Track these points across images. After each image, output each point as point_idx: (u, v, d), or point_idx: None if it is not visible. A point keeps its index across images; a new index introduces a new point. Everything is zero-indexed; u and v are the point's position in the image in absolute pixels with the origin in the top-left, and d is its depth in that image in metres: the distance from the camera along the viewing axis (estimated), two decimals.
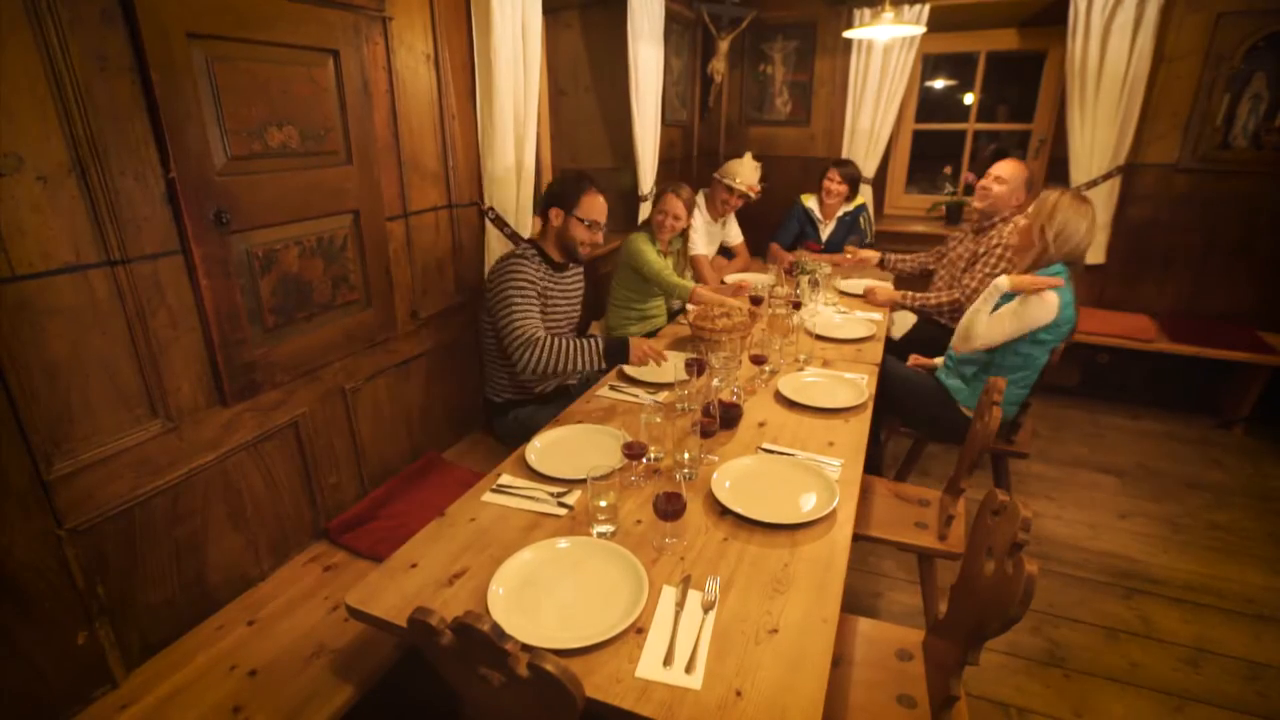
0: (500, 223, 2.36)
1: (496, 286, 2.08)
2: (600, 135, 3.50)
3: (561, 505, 1.49)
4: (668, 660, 1.06)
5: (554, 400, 2.28)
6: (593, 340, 2.09)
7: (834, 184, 3.57)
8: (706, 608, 1.16)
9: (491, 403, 2.33)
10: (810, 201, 3.75)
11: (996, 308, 2.18)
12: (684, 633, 1.12)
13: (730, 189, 3.26)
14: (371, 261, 1.87)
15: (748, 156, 3.31)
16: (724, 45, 4.02)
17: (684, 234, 3.12)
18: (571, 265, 2.30)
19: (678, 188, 2.84)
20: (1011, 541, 1.13)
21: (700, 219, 3.36)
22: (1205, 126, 3.39)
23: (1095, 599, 2.29)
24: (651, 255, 2.79)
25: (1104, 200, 3.57)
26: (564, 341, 2.04)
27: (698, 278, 3.31)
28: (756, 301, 2.74)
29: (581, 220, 2.15)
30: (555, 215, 2.17)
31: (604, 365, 2.10)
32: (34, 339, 1.15)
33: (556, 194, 2.18)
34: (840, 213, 3.69)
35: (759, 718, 0.97)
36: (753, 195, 3.28)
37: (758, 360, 2.16)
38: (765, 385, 2.12)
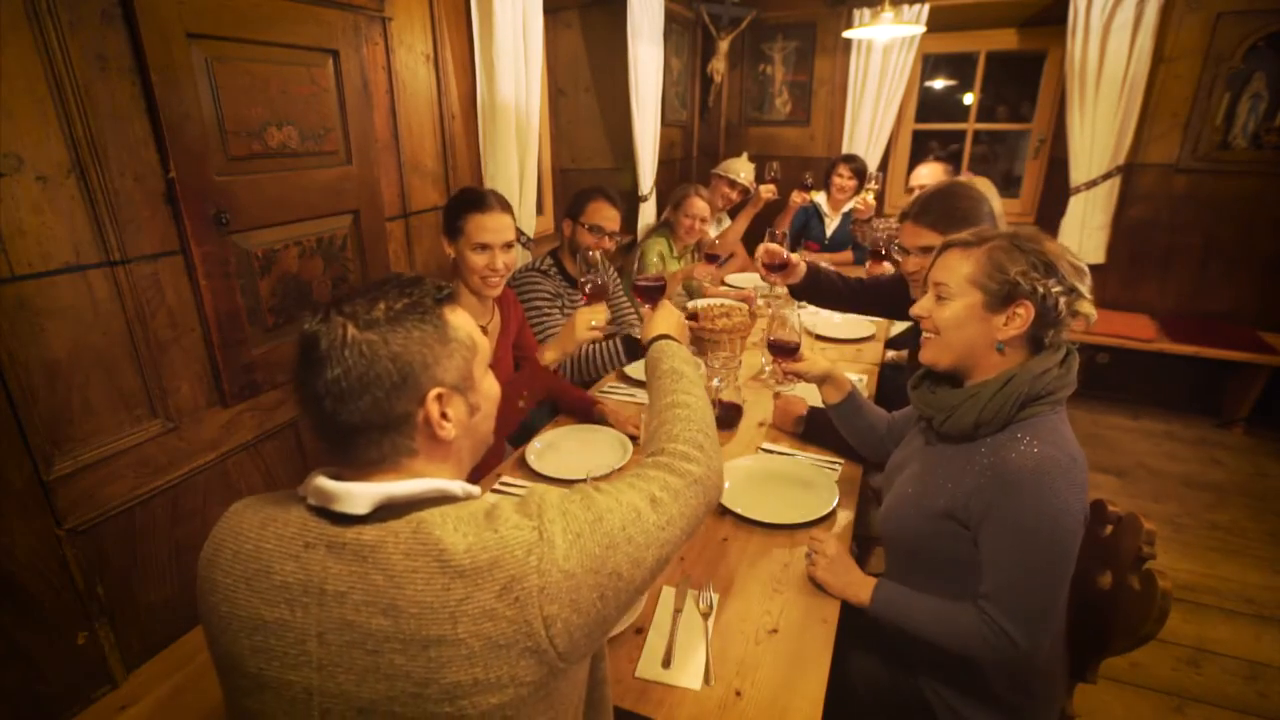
0: None
1: (522, 297, 2.14)
2: (600, 135, 3.50)
3: None
4: (667, 661, 1.06)
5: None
6: (612, 341, 2.17)
7: (843, 179, 3.62)
8: (705, 614, 1.16)
9: None
10: (818, 197, 3.77)
11: None
12: (683, 633, 1.12)
13: (733, 183, 3.38)
14: (371, 262, 1.87)
15: (744, 156, 3.47)
16: (724, 45, 4.02)
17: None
18: None
19: (697, 187, 2.92)
20: (1135, 555, 1.13)
21: None
22: (1205, 126, 3.39)
23: None
24: (651, 264, 2.81)
25: (1104, 200, 3.57)
26: (590, 348, 2.13)
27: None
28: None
29: (584, 225, 2.22)
30: (566, 226, 2.26)
31: (625, 360, 2.17)
32: (34, 339, 1.15)
33: (569, 208, 2.27)
34: (845, 207, 3.71)
35: (759, 718, 0.97)
36: (751, 190, 3.40)
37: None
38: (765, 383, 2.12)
